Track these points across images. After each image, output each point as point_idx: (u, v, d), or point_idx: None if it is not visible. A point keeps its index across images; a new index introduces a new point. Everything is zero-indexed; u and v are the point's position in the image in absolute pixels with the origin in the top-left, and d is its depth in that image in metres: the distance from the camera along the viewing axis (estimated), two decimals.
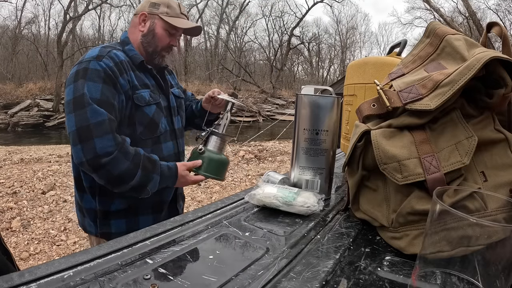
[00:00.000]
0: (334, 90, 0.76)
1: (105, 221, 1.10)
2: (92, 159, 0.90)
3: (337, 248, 0.51)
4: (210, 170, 1.11)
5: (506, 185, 0.48)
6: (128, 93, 1.02)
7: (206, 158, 1.11)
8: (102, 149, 0.90)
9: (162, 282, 0.39)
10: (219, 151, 1.15)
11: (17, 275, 0.38)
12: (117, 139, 0.93)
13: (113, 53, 1.03)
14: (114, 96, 0.97)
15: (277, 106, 19.01)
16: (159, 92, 1.16)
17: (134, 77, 1.07)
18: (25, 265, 2.35)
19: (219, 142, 1.15)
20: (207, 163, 1.11)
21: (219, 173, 1.15)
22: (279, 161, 5.73)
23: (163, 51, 1.15)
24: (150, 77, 1.15)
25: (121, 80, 1.00)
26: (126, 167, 0.94)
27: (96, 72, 0.95)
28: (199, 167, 1.10)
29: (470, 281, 0.35)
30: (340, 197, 0.75)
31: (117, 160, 0.92)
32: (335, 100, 0.69)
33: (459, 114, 0.49)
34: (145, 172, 0.98)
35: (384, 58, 0.91)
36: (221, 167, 1.14)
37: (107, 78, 0.96)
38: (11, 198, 3.52)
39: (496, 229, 0.32)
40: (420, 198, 0.48)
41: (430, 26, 0.61)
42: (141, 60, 1.10)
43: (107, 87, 0.95)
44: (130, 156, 0.96)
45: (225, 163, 1.17)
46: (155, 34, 1.13)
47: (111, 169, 0.93)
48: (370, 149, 0.52)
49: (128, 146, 0.97)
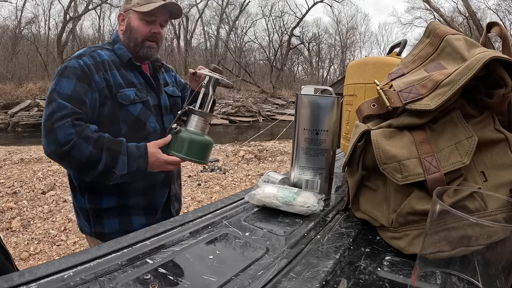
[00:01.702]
0: (334, 90, 0.76)
1: (97, 219, 1.10)
2: (56, 149, 0.92)
3: (337, 248, 0.51)
4: (188, 152, 1.03)
5: (506, 185, 0.48)
6: (104, 91, 1.02)
7: (182, 138, 1.03)
8: (63, 138, 0.91)
9: (162, 282, 0.39)
10: (199, 131, 1.06)
11: (17, 275, 0.38)
12: (76, 127, 0.93)
13: (96, 53, 1.05)
14: (86, 93, 0.98)
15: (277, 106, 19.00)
16: (147, 90, 1.14)
17: (119, 76, 1.07)
18: (25, 265, 2.35)
19: (198, 121, 1.06)
20: (184, 143, 1.03)
21: (200, 155, 1.06)
22: (279, 161, 5.74)
23: (145, 42, 1.13)
24: (139, 76, 1.14)
25: (96, 77, 1.00)
26: (89, 152, 0.94)
27: (73, 69, 0.98)
28: (175, 148, 1.03)
29: (470, 281, 0.35)
30: (340, 197, 0.75)
31: (78, 146, 0.92)
32: (335, 100, 0.69)
33: (459, 114, 0.49)
34: (111, 154, 0.96)
35: (384, 58, 0.91)
36: (200, 148, 1.05)
37: (83, 75, 0.98)
38: (11, 198, 3.52)
39: (496, 229, 0.32)
40: (420, 198, 0.48)
41: (430, 26, 0.61)
42: (129, 58, 1.10)
43: (80, 84, 0.97)
44: (92, 140, 0.95)
45: (206, 145, 1.07)
46: (132, 28, 1.11)
47: (75, 155, 0.93)
48: (370, 149, 0.52)
49: (90, 132, 0.95)
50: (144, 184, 1.13)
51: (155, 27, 1.13)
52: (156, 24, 1.13)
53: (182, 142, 1.03)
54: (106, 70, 1.04)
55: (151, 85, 1.17)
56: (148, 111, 1.12)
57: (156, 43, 1.16)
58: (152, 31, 1.12)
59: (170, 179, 1.24)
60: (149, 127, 1.12)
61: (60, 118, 0.92)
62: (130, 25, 1.12)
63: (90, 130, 0.96)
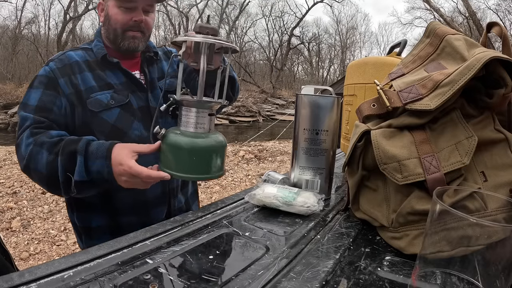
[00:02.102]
0: (334, 90, 0.76)
1: (88, 238, 0.95)
2: (20, 165, 0.80)
3: (337, 248, 0.51)
4: (180, 165, 0.66)
5: (506, 185, 0.48)
6: (71, 98, 0.87)
7: (166, 145, 0.68)
8: (24, 151, 0.78)
9: (162, 282, 0.39)
10: (193, 129, 0.67)
11: (17, 275, 0.38)
12: (35, 135, 0.79)
13: (66, 55, 0.92)
14: (54, 100, 0.86)
15: (277, 106, 19.01)
16: (131, 90, 0.95)
17: (92, 78, 0.91)
18: (25, 265, 2.35)
19: (190, 115, 0.67)
20: (170, 152, 0.67)
21: (199, 167, 0.66)
22: (279, 161, 5.74)
23: (126, 32, 0.94)
24: (120, 74, 0.95)
25: (61, 82, 0.87)
26: (45, 160, 0.75)
27: (40, 78, 0.88)
28: (162, 161, 0.70)
29: (470, 281, 0.35)
30: (340, 197, 0.75)
31: (34, 155, 0.76)
32: (335, 100, 0.69)
33: (459, 114, 0.49)
34: (67, 156, 0.74)
35: (384, 58, 0.91)
36: (198, 157, 0.66)
37: (49, 81, 0.87)
38: (11, 198, 3.52)
39: (496, 229, 0.32)
40: (420, 198, 0.48)
41: (430, 26, 0.61)
42: (103, 55, 0.93)
43: (47, 92, 0.86)
44: (46, 145, 0.76)
45: (207, 150, 0.67)
46: (110, 18, 0.94)
47: (34, 167, 0.76)
48: (370, 149, 0.52)
49: (47, 136, 0.78)
50: (133, 201, 0.92)
51: (137, 14, 0.94)
52: (137, 11, 0.94)
53: (167, 151, 0.67)
54: (74, 73, 0.90)
55: (136, 82, 0.97)
56: (129, 116, 0.92)
57: (141, 32, 0.96)
58: (134, 19, 0.93)
59: (169, 193, 0.98)
60: (132, 135, 0.92)
61: (23, 130, 0.81)
62: (108, 14, 0.94)
63: (48, 135, 0.79)
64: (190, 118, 0.68)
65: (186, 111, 0.68)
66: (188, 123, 0.68)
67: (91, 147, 0.75)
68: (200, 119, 0.68)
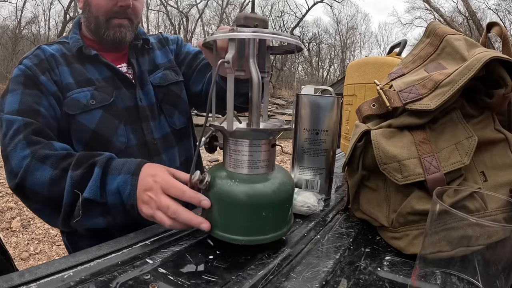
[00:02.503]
0: (334, 90, 0.76)
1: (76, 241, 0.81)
2: (10, 183, 0.63)
3: (337, 248, 0.51)
4: (230, 225, 0.46)
5: (506, 185, 0.48)
6: (57, 94, 0.74)
7: (217, 197, 0.47)
8: (16, 164, 0.61)
9: (162, 282, 0.39)
10: (253, 169, 0.47)
11: (17, 275, 0.38)
12: (33, 146, 0.63)
13: (41, 49, 0.78)
14: (38, 100, 0.70)
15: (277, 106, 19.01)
16: (115, 87, 0.80)
17: (69, 73, 0.76)
18: (25, 265, 2.36)
19: (247, 150, 0.46)
20: (217, 210, 0.47)
21: (260, 226, 0.46)
22: (279, 161, 5.74)
23: (111, 20, 0.79)
24: (103, 67, 0.80)
25: (42, 79, 0.73)
26: (48, 177, 0.59)
27: (16, 78, 0.73)
28: (212, 221, 0.47)
29: (470, 281, 0.35)
30: (340, 197, 0.75)
31: (32, 171, 0.60)
32: (335, 100, 0.69)
33: (459, 114, 0.49)
34: (81, 171, 0.57)
35: (384, 58, 0.91)
36: (252, 212, 0.45)
37: (27, 80, 0.72)
38: (11, 198, 3.52)
39: (496, 229, 0.32)
40: (420, 198, 0.48)
41: (430, 26, 0.61)
42: (78, 47, 0.78)
43: (28, 92, 0.71)
44: (52, 159, 0.61)
45: (272, 202, 0.46)
46: (90, 3, 0.78)
47: (31, 186, 0.60)
48: (370, 149, 0.52)
49: (48, 148, 0.63)
50: None
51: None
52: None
53: (217, 206, 0.47)
54: (52, 68, 0.75)
55: (122, 77, 0.81)
56: (113, 119, 0.76)
57: (128, 20, 0.80)
58: (119, 4, 0.77)
59: None
60: (116, 143, 0.76)
61: (11, 138, 0.64)
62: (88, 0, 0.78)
63: (51, 147, 0.64)
64: (243, 154, 0.46)
65: (237, 144, 0.46)
66: (241, 161, 0.46)
67: (116, 161, 0.59)
68: (259, 154, 0.47)
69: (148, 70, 0.87)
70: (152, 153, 0.82)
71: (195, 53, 0.99)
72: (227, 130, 0.44)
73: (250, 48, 0.45)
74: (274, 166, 0.49)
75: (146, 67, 0.87)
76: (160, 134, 0.85)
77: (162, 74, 0.89)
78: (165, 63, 0.92)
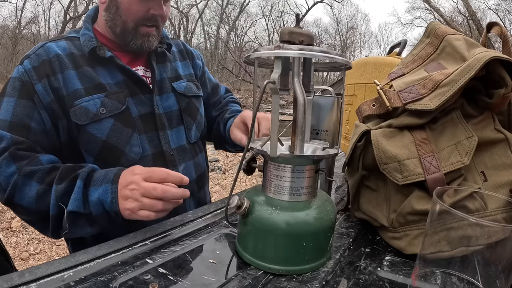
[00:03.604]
0: (334, 90, 0.76)
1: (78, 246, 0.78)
2: (1, 197, 0.62)
3: (337, 248, 0.51)
4: (268, 253, 0.44)
5: (506, 185, 0.48)
6: (52, 107, 0.67)
7: (255, 225, 0.44)
8: (4, 181, 0.61)
9: (162, 282, 0.39)
10: (295, 196, 0.44)
11: (17, 275, 0.38)
12: (19, 161, 0.61)
13: (45, 48, 0.70)
14: (30, 114, 0.66)
15: None
16: (131, 92, 0.74)
17: (77, 78, 0.69)
18: (25, 265, 2.35)
19: (289, 176, 0.44)
20: (261, 236, 0.44)
21: (299, 256, 0.43)
22: None
23: (140, 27, 0.74)
24: (116, 71, 0.74)
25: (38, 88, 0.67)
26: (35, 192, 0.59)
27: (14, 81, 0.67)
28: (241, 241, 0.47)
29: (470, 281, 0.35)
30: (340, 197, 0.75)
31: (20, 187, 0.60)
32: (335, 100, 0.69)
33: (459, 114, 0.49)
34: (64, 184, 0.58)
35: (384, 58, 0.91)
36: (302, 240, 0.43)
37: (23, 87, 0.67)
38: None
39: (496, 229, 0.32)
40: (420, 198, 0.48)
41: (430, 26, 0.61)
42: (91, 48, 0.71)
43: (22, 102, 0.66)
44: (38, 174, 0.60)
45: (314, 231, 0.43)
46: (119, 5, 0.72)
47: (19, 202, 0.60)
48: (370, 149, 0.52)
49: (34, 163, 0.62)
50: None
51: (157, 4, 0.73)
52: (157, 3, 0.74)
53: (252, 234, 0.45)
54: (54, 72, 0.68)
55: (139, 81, 0.76)
56: (126, 128, 0.71)
57: (156, 28, 0.77)
58: (151, 12, 0.73)
59: None
60: (130, 154, 0.71)
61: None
62: (118, 0, 0.72)
63: (38, 161, 0.62)
64: (285, 180, 0.44)
65: (279, 170, 0.44)
66: (282, 187, 0.44)
67: (97, 173, 0.60)
68: (303, 181, 0.44)
69: (170, 77, 0.84)
70: (169, 164, 0.77)
71: (215, 85, 1.01)
72: (270, 156, 0.41)
73: (295, 66, 0.42)
74: (317, 192, 0.47)
75: (167, 73, 0.83)
76: (177, 145, 0.80)
77: (186, 84, 0.86)
78: (187, 75, 0.89)
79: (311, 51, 0.39)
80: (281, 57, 0.40)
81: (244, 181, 4.51)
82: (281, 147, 0.47)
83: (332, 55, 0.40)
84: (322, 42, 27.63)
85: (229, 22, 23.93)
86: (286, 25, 23.75)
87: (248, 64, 0.47)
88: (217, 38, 23.44)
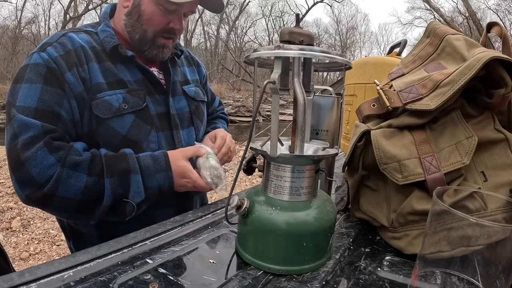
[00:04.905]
0: (334, 90, 0.76)
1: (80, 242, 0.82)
2: (32, 193, 0.61)
3: (337, 248, 0.51)
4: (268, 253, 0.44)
5: (506, 185, 0.48)
6: (81, 97, 0.67)
7: (255, 224, 0.44)
8: (40, 174, 0.60)
9: (162, 282, 0.39)
10: (295, 196, 0.44)
11: (17, 275, 0.38)
12: (57, 152, 0.61)
13: (67, 37, 0.70)
14: (60, 102, 0.65)
15: None
16: (148, 91, 0.77)
17: (100, 72, 0.70)
18: (25, 265, 2.35)
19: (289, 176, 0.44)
20: (260, 236, 0.44)
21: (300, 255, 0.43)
22: None
23: (158, 38, 0.77)
24: (134, 69, 0.76)
25: (68, 76, 0.66)
26: (84, 185, 0.62)
27: (36, 67, 0.65)
28: (242, 246, 0.47)
29: (470, 281, 0.35)
30: (340, 197, 0.75)
31: (65, 180, 0.61)
32: (335, 100, 0.69)
33: (459, 114, 0.49)
34: (118, 178, 0.64)
35: (384, 58, 0.91)
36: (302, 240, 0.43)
37: (50, 74, 0.65)
38: (11, 198, 3.52)
39: (496, 229, 0.32)
40: (420, 198, 0.48)
41: (430, 26, 0.61)
42: (114, 45, 0.73)
43: (49, 89, 0.64)
44: (84, 165, 0.62)
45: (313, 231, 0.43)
46: (141, 14, 0.74)
47: (64, 195, 0.61)
48: (370, 149, 0.52)
49: (76, 153, 0.63)
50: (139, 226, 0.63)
51: (177, 19, 0.76)
52: (178, 15, 0.76)
53: (252, 234, 0.45)
54: (81, 63, 0.68)
55: (155, 82, 0.79)
56: (145, 125, 0.74)
57: (173, 40, 0.80)
58: (171, 25, 0.76)
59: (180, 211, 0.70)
60: (147, 150, 0.74)
61: (26, 144, 0.60)
62: (140, 8, 0.74)
63: (76, 151, 0.63)
64: (285, 180, 0.44)
65: (279, 170, 0.44)
66: (282, 187, 0.44)
67: (143, 160, 0.68)
68: (303, 181, 0.44)
69: (180, 81, 0.87)
70: None
71: (213, 96, 1.07)
72: (270, 156, 0.41)
73: (295, 66, 0.42)
74: (316, 192, 0.47)
75: (178, 77, 0.87)
76: (188, 144, 0.84)
77: (195, 89, 0.90)
78: (194, 80, 0.93)
79: (311, 51, 0.39)
80: (281, 57, 0.40)
81: (244, 181, 4.51)
82: (281, 147, 0.47)
83: (332, 55, 0.41)
84: (322, 42, 27.62)
85: (229, 22, 23.93)
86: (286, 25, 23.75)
87: (248, 64, 0.47)
88: (217, 38, 23.44)
